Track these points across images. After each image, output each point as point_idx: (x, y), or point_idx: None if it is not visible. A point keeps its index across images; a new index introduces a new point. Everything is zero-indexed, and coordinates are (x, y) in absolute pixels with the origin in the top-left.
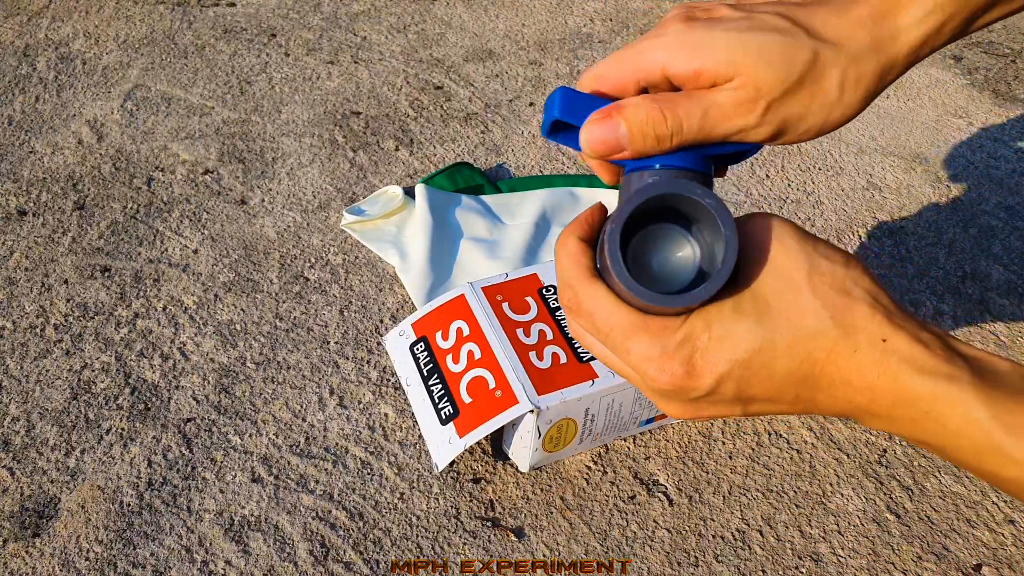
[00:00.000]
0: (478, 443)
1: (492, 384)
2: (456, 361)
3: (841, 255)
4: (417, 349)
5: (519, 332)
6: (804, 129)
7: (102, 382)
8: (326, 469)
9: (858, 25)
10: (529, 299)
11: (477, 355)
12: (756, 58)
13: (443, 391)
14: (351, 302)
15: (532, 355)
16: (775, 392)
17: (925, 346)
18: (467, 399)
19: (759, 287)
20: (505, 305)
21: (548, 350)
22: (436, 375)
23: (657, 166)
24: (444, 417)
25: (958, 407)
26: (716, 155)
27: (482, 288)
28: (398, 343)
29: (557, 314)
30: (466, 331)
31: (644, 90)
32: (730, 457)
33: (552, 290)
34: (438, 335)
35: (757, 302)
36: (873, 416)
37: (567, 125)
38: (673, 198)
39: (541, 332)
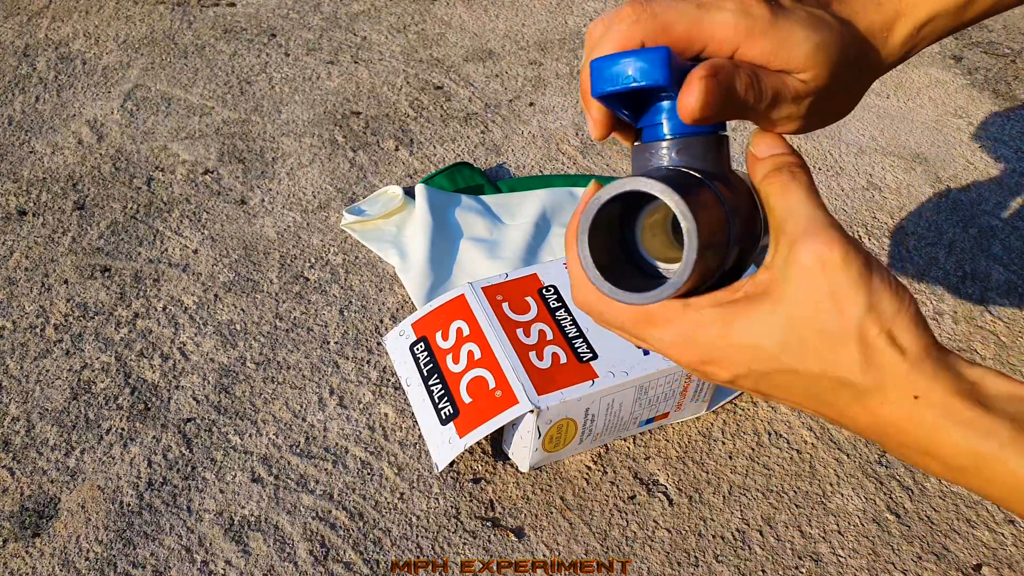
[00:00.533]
0: (478, 443)
1: (492, 384)
2: (456, 361)
3: (892, 297)
4: (417, 349)
5: (519, 332)
6: (819, 123)
7: (102, 382)
8: (326, 469)
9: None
10: (529, 299)
11: (477, 355)
12: (825, 58)
13: (443, 391)
14: (351, 302)
15: (532, 355)
16: (795, 402)
17: (963, 397)
18: (467, 399)
19: (794, 317)
20: (505, 305)
21: (548, 350)
22: (436, 375)
23: (667, 136)
24: (444, 417)
25: (998, 464)
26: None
27: (482, 288)
28: (398, 343)
29: (557, 314)
30: (466, 331)
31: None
32: (730, 457)
33: (552, 290)
34: (438, 335)
35: (793, 327)
36: (904, 448)
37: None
38: (635, 193)
39: (541, 332)
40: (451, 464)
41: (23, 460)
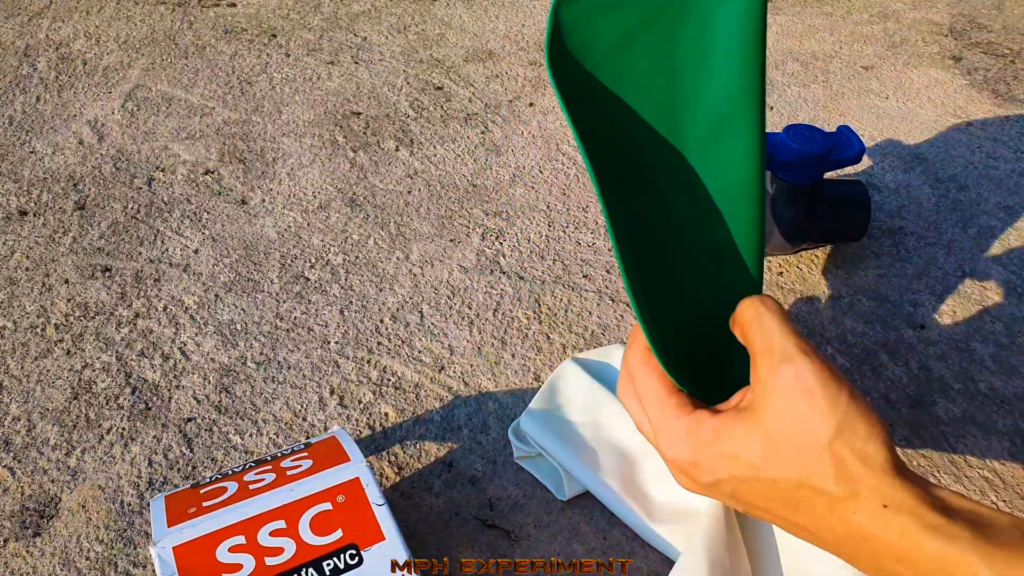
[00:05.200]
0: (478, 442)
1: (225, 493)
2: (247, 475)
3: (865, 421)
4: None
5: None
6: None
7: (103, 382)
8: None
9: None
10: (341, 497)
11: (264, 481)
12: None
13: (218, 476)
14: (351, 302)
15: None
16: (774, 513)
17: (929, 507)
18: (205, 501)
19: (772, 433)
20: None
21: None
22: (227, 473)
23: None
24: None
25: (962, 567)
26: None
27: (369, 481)
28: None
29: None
30: (298, 469)
31: None
32: None
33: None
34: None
35: (771, 441)
36: (878, 559)
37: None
38: None
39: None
40: (450, 464)
41: (24, 460)
